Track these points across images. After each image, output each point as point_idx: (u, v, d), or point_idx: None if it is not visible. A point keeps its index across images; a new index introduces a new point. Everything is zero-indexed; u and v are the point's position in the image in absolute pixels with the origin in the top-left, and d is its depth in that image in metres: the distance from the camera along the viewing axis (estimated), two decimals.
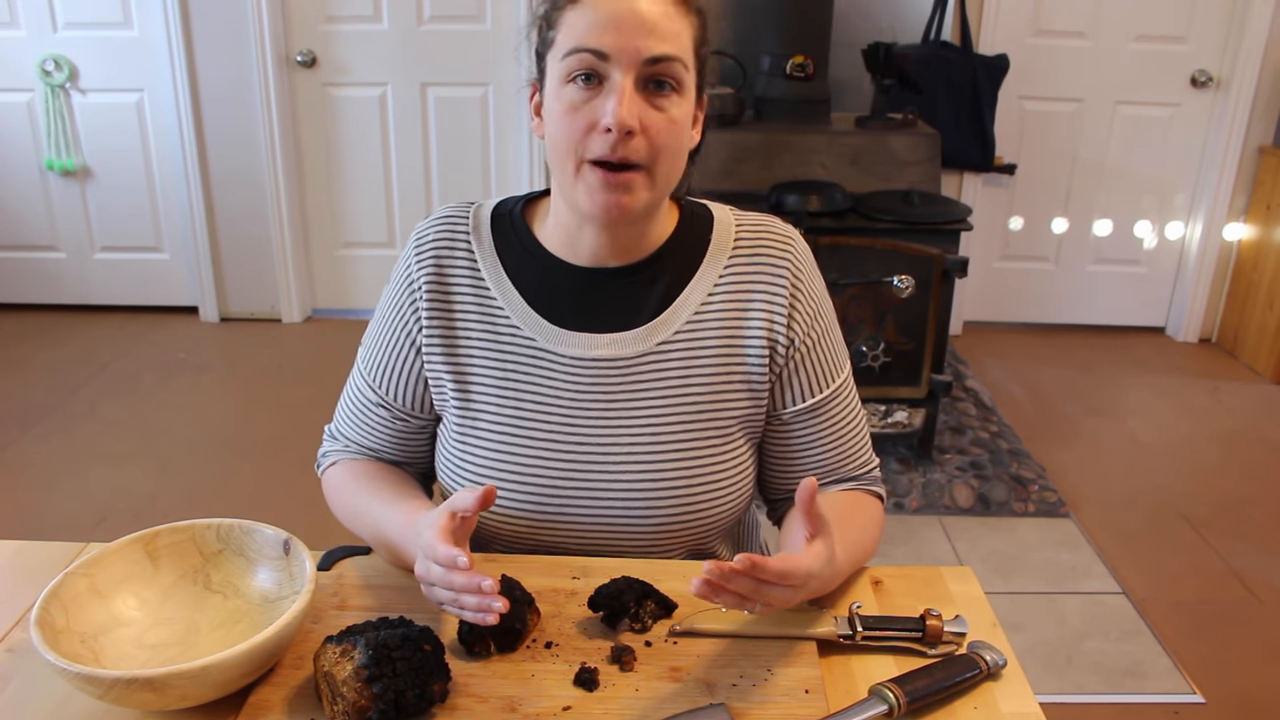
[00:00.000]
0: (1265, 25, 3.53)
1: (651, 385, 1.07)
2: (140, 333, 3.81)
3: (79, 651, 0.86)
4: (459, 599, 0.87)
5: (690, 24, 0.99)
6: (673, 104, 0.98)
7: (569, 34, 0.97)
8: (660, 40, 0.95)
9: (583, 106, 0.96)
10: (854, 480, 1.15)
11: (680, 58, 0.97)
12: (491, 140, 3.80)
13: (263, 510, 1.35)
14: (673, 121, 0.98)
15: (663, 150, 0.98)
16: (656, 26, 0.95)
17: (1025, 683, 0.92)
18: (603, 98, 0.96)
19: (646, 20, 0.95)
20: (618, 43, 0.94)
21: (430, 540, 0.89)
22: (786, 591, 0.86)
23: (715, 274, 1.09)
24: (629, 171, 0.97)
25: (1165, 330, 4.03)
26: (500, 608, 0.84)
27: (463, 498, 0.91)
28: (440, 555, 0.87)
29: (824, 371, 1.11)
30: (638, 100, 0.96)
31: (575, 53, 0.96)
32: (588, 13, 0.96)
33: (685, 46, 0.98)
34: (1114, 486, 2.88)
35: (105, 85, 3.66)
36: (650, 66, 0.95)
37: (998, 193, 3.83)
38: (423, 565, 0.90)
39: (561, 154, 0.99)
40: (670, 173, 1.01)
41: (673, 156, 1.00)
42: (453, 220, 1.11)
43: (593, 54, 0.95)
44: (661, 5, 0.96)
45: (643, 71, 0.95)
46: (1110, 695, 2.06)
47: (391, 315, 1.11)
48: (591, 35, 0.95)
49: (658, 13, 0.95)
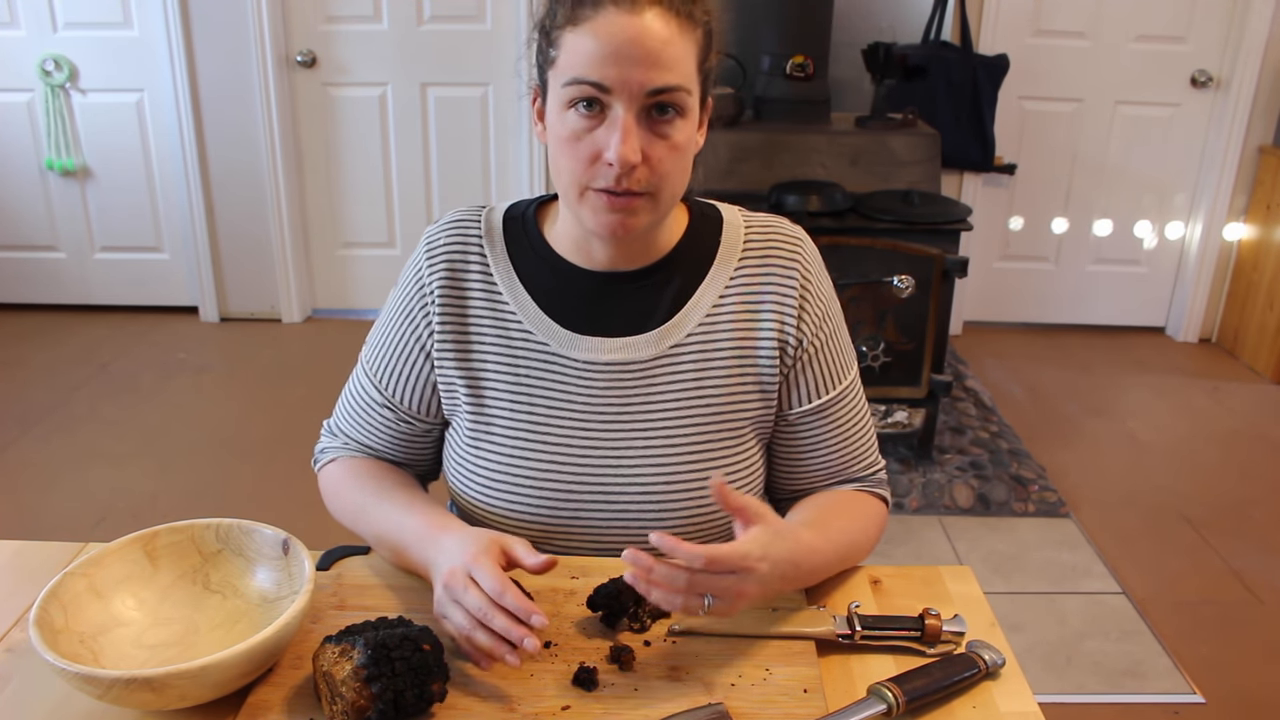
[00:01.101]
0: (1265, 25, 3.53)
1: (665, 389, 1.07)
2: (140, 333, 3.81)
3: (78, 651, 0.87)
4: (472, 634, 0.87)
5: (695, 41, 0.96)
6: (676, 129, 0.96)
7: (569, 59, 0.94)
8: (663, 71, 0.93)
9: (585, 136, 0.95)
10: (859, 482, 1.15)
11: (683, 85, 0.95)
12: (491, 140, 3.80)
13: (262, 510, 1.35)
14: (676, 147, 0.96)
15: (667, 176, 0.97)
16: (660, 57, 0.92)
17: (1024, 682, 0.92)
18: (605, 130, 0.94)
19: (649, 51, 0.92)
20: (620, 76, 0.92)
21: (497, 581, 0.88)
22: (731, 579, 0.86)
23: (726, 276, 1.09)
24: (634, 197, 0.97)
25: (1165, 330, 4.03)
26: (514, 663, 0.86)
27: (523, 553, 0.92)
28: (511, 604, 0.87)
29: (831, 372, 1.11)
30: (640, 133, 0.94)
31: (575, 83, 0.94)
32: (588, 40, 0.93)
33: (689, 71, 0.95)
34: (1114, 486, 2.88)
35: (105, 85, 3.66)
36: (653, 97, 0.94)
37: (998, 193, 3.83)
38: (458, 579, 0.90)
39: (566, 180, 0.98)
40: (675, 192, 1.00)
41: (678, 178, 0.99)
42: (465, 224, 1.11)
43: (593, 85, 0.93)
44: (665, 30, 0.93)
45: (645, 102, 0.94)
46: (1110, 695, 2.06)
47: (401, 318, 1.11)
48: (592, 67, 0.92)
49: (661, 40, 0.92)
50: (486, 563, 0.89)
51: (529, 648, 0.84)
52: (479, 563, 0.89)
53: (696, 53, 0.97)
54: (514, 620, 0.86)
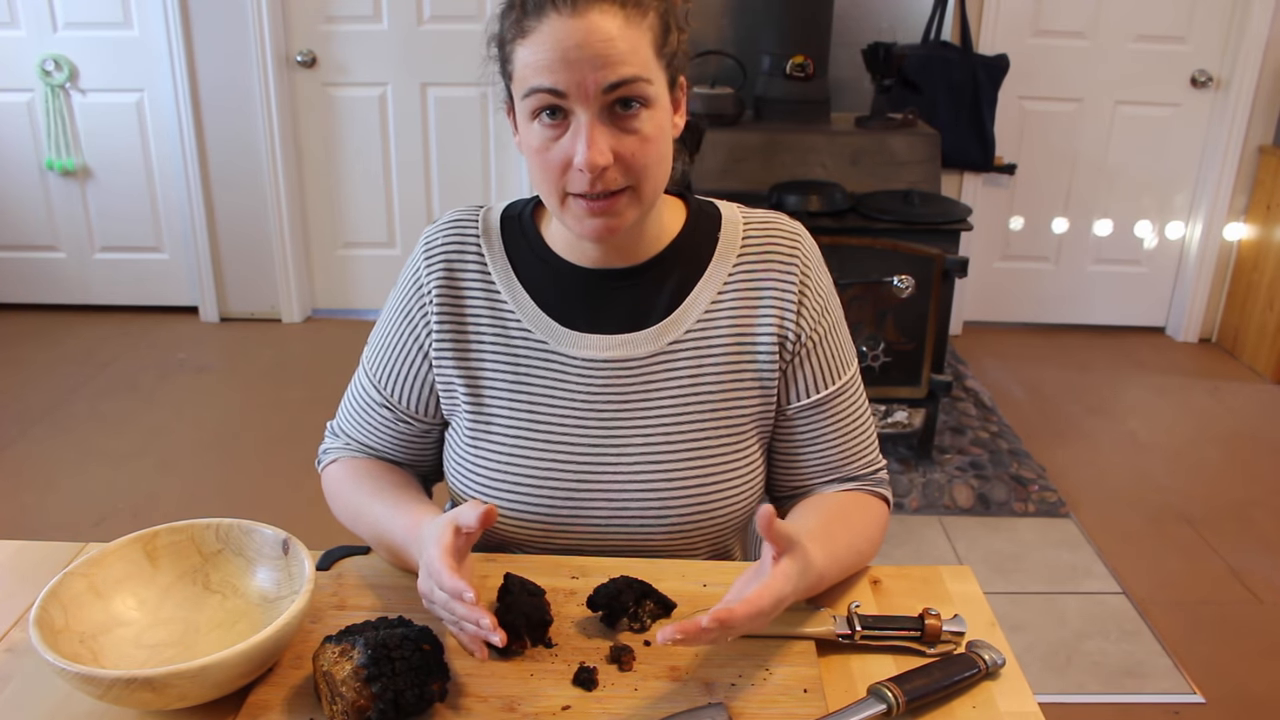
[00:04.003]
0: (1265, 25, 3.53)
1: (664, 385, 1.07)
2: (140, 333, 3.81)
3: (78, 651, 0.87)
4: (460, 623, 0.87)
5: (648, 27, 0.95)
6: (643, 120, 0.95)
7: (523, 71, 0.94)
8: (615, 66, 0.92)
9: (553, 145, 0.95)
10: (858, 480, 1.14)
11: (641, 75, 0.93)
12: (491, 140, 3.80)
13: (262, 510, 1.35)
14: (646, 139, 0.96)
15: (643, 169, 0.97)
16: (609, 53, 0.91)
17: (1024, 682, 0.92)
18: (570, 136, 0.94)
19: (597, 50, 0.91)
20: (572, 79, 0.92)
21: (436, 565, 0.87)
22: (760, 622, 0.85)
23: (724, 272, 1.09)
24: (613, 197, 0.96)
25: (1165, 330, 4.03)
26: (498, 641, 0.83)
27: (466, 514, 0.89)
28: (446, 585, 0.85)
29: (829, 367, 1.11)
30: (605, 132, 0.94)
31: (533, 93, 0.94)
32: (535, 50, 0.92)
33: (645, 59, 0.94)
34: (1114, 486, 2.88)
35: (105, 85, 3.66)
36: (611, 94, 0.93)
37: (998, 193, 3.83)
38: (426, 583, 0.90)
39: (544, 189, 0.99)
40: (657, 183, 1.00)
41: (655, 169, 0.98)
42: (462, 224, 1.11)
43: (549, 93, 0.93)
44: (611, 25, 0.91)
45: (604, 100, 0.93)
46: (1110, 695, 2.06)
47: (400, 318, 1.11)
48: (544, 74, 0.92)
49: (608, 36, 0.91)
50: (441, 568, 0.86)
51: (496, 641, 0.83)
52: (439, 573, 0.87)
53: (651, 39, 0.95)
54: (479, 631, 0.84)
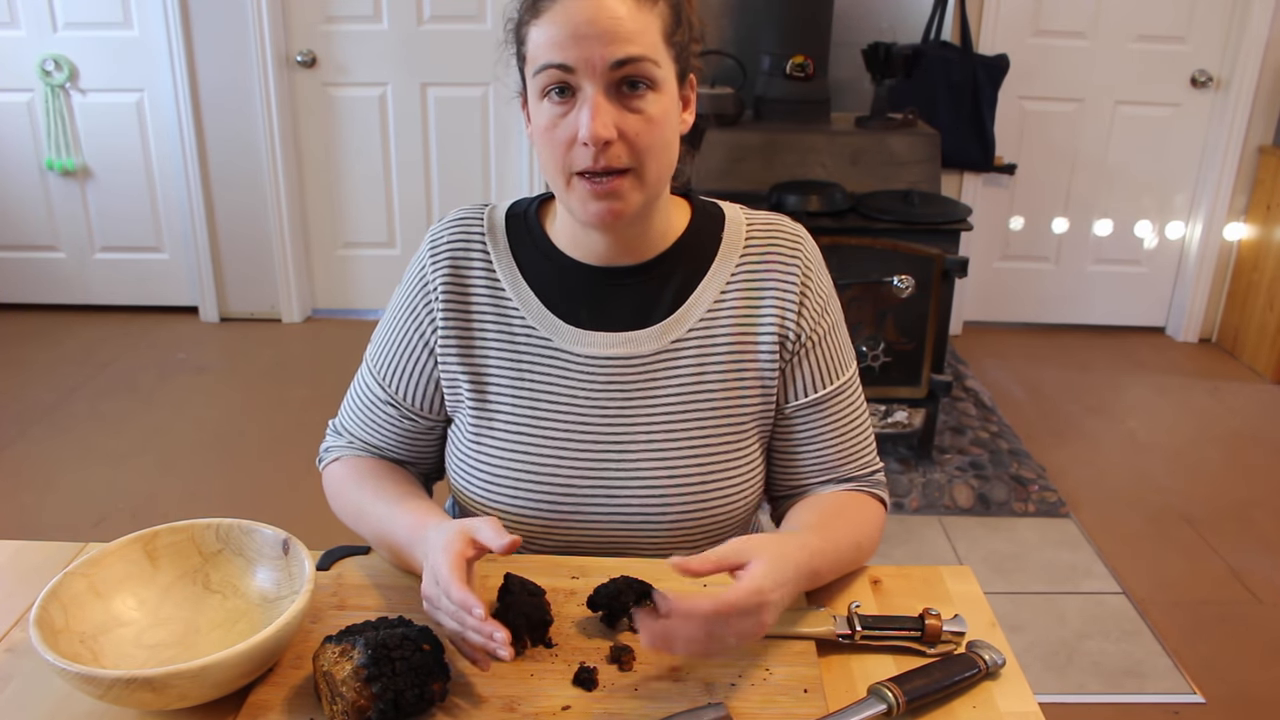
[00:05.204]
0: (1265, 25, 3.53)
1: (666, 383, 1.07)
2: (140, 333, 3.81)
3: (78, 651, 0.87)
4: (464, 634, 0.86)
5: (657, 15, 0.97)
6: (649, 102, 0.97)
7: (535, 50, 0.97)
8: (623, 43, 0.94)
9: (560, 122, 0.97)
10: (855, 481, 1.14)
11: (648, 56, 0.96)
12: (491, 140, 3.80)
13: (262, 510, 1.35)
14: (651, 120, 0.97)
15: (647, 150, 0.97)
16: (617, 30, 0.94)
17: (1024, 682, 0.92)
18: (576, 111, 0.96)
19: (606, 27, 0.93)
20: (580, 54, 0.94)
21: (445, 574, 0.86)
22: (750, 620, 0.84)
23: (727, 272, 1.09)
24: (616, 178, 0.97)
25: (1165, 330, 4.03)
26: (507, 657, 0.82)
27: (488, 535, 0.88)
28: (455, 598, 0.84)
29: (828, 367, 1.11)
30: (611, 108, 0.95)
31: (543, 70, 0.96)
32: (548, 27, 0.95)
33: (653, 42, 0.96)
34: (1114, 486, 2.88)
35: (105, 85, 3.66)
36: (617, 70, 0.94)
37: (998, 193, 3.83)
38: (432, 589, 0.88)
39: (551, 170, 1.00)
40: (661, 169, 1.01)
41: (660, 153, 0.99)
42: (467, 222, 1.11)
43: (558, 69, 0.95)
44: (621, 5, 0.94)
45: (611, 77, 0.95)
46: (1110, 695, 2.06)
47: (405, 315, 1.11)
48: (554, 50, 0.94)
49: (617, 15, 0.94)
50: (450, 579, 0.86)
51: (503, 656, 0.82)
52: (447, 582, 0.86)
53: (661, 25, 0.98)
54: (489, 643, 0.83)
